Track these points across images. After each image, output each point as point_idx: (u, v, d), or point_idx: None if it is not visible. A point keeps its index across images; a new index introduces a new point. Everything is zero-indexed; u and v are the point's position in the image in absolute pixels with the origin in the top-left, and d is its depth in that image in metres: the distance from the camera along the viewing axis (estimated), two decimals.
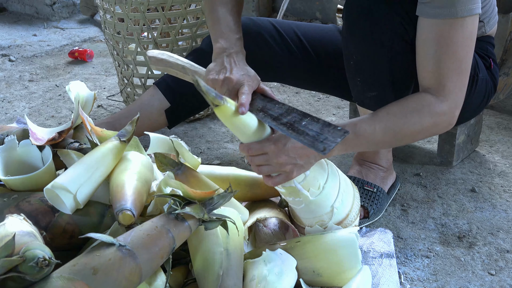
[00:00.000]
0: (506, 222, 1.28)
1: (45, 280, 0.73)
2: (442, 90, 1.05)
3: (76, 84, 1.27)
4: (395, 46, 1.13)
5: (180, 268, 0.98)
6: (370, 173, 1.35)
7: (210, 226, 0.90)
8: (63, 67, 2.50)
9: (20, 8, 3.50)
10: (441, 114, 1.06)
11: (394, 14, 1.11)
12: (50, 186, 0.91)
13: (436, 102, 1.05)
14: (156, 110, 1.52)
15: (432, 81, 1.06)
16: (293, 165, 1.00)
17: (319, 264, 0.98)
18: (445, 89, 1.05)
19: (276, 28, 1.50)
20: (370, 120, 1.05)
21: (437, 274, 1.12)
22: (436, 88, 1.06)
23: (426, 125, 1.06)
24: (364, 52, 1.16)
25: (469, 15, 1.02)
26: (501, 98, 1.82)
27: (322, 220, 1.08)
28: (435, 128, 1.08)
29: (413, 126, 1.05)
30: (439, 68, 1.05)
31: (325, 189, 1.06)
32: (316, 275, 0.98)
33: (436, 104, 1.05)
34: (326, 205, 1.07)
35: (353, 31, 1.16)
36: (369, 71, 1.18)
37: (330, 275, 0.98)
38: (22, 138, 1.14)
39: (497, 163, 1.54)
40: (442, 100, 1.05)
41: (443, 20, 1.02)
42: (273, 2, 3.18)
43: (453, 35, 1.03)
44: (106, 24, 1.82)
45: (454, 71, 1.04)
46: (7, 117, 1.96)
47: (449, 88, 1.05)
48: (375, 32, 1.13)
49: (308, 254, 0.99)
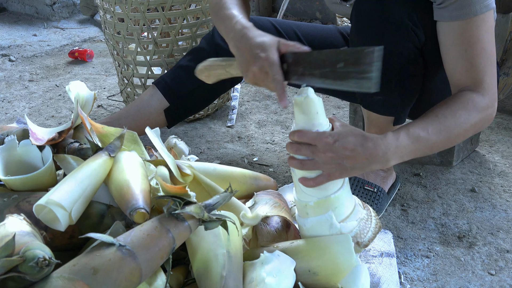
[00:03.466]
0: (506, 222, 1.28)
1: (45, 280, 0.73)
2: (481, 86, 1.08)
3: (76, 84, 1.27)
4: (404, 51, 1.14)
5: (180, 268, 0.98)
6: (371, 173, 1.36)
7: (210, 226, 0.90)
8: (63, 67, 2.50)
9: (20, 8, 3.50)
10: (486, 108, 1.08)
11: (405, 19, 1.11)
12: (44, 203, 0.88)
13: (479, 97, 1.07)
14: (155, 110, 1.52)
15: (469, 80, 1.09)
16: (337, 165, 0.94)
17: (314, 262, 0.98)
18: (483, 84, 1.08)
19: (276, 28, 1.50)
20: (422, 124, 1.04)
21: (437, 274, 1.12)
22: (475, 84, 1.08)
23: (474, 121, 1.07)
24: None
25: (487, 10, 1.06)
26: (501, 98, 1.82)
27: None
28: (482, 123, 1.10)
29: (463, 124, 1.06)
30: (473, 66, 1.08)
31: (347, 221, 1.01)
32: (312, 274, 0.98)
33: (480, 99, 1.07)
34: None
35: (362, 34, 1.16)
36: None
37: (326, 273, 0.98)
38: (22, 138, 1.14)
39: (497, 163, 1.54)
40: (483, 94, 1.08)
41: (466, 21, 1.06)
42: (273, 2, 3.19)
43: (479, 32, 1.06)
44: (106, 24, 1.82)
45: (487, 66, 1.08)
46: (7, 117, 1.96)
47: (487, 82, 1.08)
48: (385, 36, 1.13)
49: (302, 254, 0.99)
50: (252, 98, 2.05)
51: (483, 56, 1.07)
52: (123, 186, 0.94)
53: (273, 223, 1.16)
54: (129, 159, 1.04)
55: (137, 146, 1.13)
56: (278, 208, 1.16)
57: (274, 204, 1.19)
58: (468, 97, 1.07)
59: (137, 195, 0.92)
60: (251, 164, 1.58)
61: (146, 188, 0.96)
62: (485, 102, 1.08)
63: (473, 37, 1.06)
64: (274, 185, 1.33)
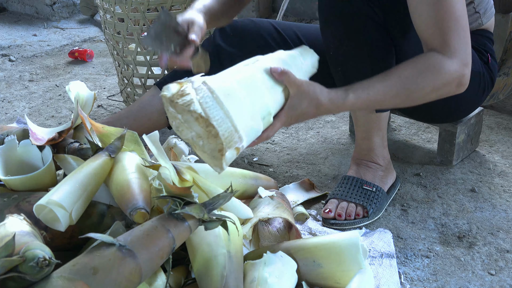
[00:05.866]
0: (506, 222, 1.29)
1: (45, 280, 0.73)
2: (448, 48, 1.07)
3: (76, 84, 1.27)
4: (367, 29, 1.17)
5: (180, 268, 0.98)
6: (368, 173, 1.36)
7: (210, 226, 0.90)
8: (63, 67, 2.50)
9: (20, 8, 3.50)
10: (452, 72, 1.07)
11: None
12: (44, 203, 0.88)
13: (444, 59, 1.07)
14: (156, 111, 1.52)
15: (435, 41, 1.08)
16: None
17: (319, 254, 0.99)
18: (450, 46, 1.07)
19: (276, 29, 1.50)
20: (383, 81, 1.07)
21: (437, 274, 1.12)
22: (441, 46, 1.08)
23: (438, 84, 1.08)
24: (339, 40, 1.20)
25: None
26: (501, 98, 1.82)
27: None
28: (447, 87, 1.09)
29: (426, 87, 1.07)
30: (439, 28, 1.07)
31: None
32: (317, 266, 0.99)
33: (445, 61, 1.07)
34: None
35: (326, 22, 1.21)
36: (347, 59, 1.22)
37: (331, 267, 0.98)
38: (22, 138, 1.14)
39: (497, 163, 1.54)
40: (450, 56, 1.07)
41: None
42: (273, 2, 3.18)
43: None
44: (106, 24, 1.82)
45: (454, 29, 1.07)
46: (7, 117, 1.96)
47: (454, 45, 1.07)
48: (345, 19, 1.17)
49: (308, 246, 1.00)
50: None
51: (450, 19, 1.06)
52: (123, 186, 0.94)
53: (275, 223, 1.16)
54: (130, 159, 1.04)
55: (137, 146, 1.13)
56: (281, 209, 1.16)
57: (276, 204, 1.19)
58: (434, 58, 1.07)
59: (138, 195, 0.92)
60: (251, 164, 1.58)
61: (146, 188, 0.96)
62: (451, 65, 1.07)
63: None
64: (274, 185, 1.33)
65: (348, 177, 1.35)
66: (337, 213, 1.27)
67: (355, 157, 1.40)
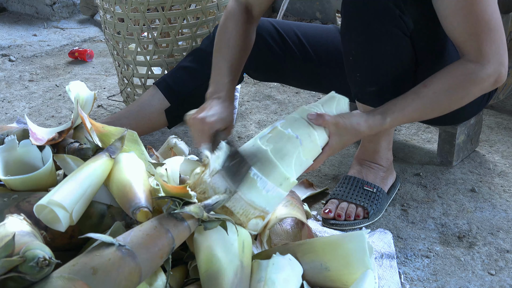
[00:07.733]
0: (506, 222, 1.29)
1: (45, 280, 0.73)
2: (481, 55, 1.07)
3: (76, 84, 1.27)
4: (393, 39, 1.14)
5: (180, 268, 0.98)
6: (370, 173, 1.35)
7: (209, 226, 0.90)
8: (63, 67, 2.50)
9: (20, 8, 3.50)
10: (486, 78, 1.08)
11: (392, 6, 1.11)
12: (45, 203, 0.88)
13: (477, 67, 1.07)
14: (156, 110, 1.52)
15: (468, 48, 1.08)
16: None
17: (326, 257, 0.98)
18: (482, 53, 1.07)
19: (276, 28, 1.50)
20: (418, 99, 1.09)
21: (437, 274, 1.12)
22: (475, 53, 1.08)
23: (472, 93, 1.09)
24: (362, 46, 1.17)
25: None
26: (501, 98, 1.82)
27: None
28: (483, 91, 1.11)
29: (462, 99, 1.10)
30: (470, 36, 1.07)
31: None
32: (324, 269, 0.98)
33: (479, 70, 1.07)
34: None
35: (350, 25, 1.17)
36: (368, 66, 1.19)
37: (338, 270, 0.98)
38: (22, 138, 1.14)
39: (497, 163, 1.54)
40: (483, 64, 1.07)
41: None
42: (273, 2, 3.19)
43: (475, 1, 1.05)
44: (106, 24, 1.82)
45: (485, 33, 1.06)
46: (7, 117, 1.96)
47: (486, 51, 1.07)
48: (372, 26, 1.13)
49: (316, 248, 1.00)
50: (252, 98, 2.05)
51: (480, 25, 1.06)
52: (125, 185, 0.94)
53: (288, 221, 1.16)
54: (130, 159, 1.04)
55: (137, 146, 1.13)
56: (291, 207, 1.15)
57: (286, 202, 1.17)
58: (467, 69, 1.08)
59: (140, 194, 0.92)
60: None
61: (147, 188, 0.96)
62: (485, 73, 1.07)
63: (468, 6, 1.05)
64: None
65: (349, 177, 1.35)
66: (336, 214, 1.27)
67: (358, 156, 1.39)
